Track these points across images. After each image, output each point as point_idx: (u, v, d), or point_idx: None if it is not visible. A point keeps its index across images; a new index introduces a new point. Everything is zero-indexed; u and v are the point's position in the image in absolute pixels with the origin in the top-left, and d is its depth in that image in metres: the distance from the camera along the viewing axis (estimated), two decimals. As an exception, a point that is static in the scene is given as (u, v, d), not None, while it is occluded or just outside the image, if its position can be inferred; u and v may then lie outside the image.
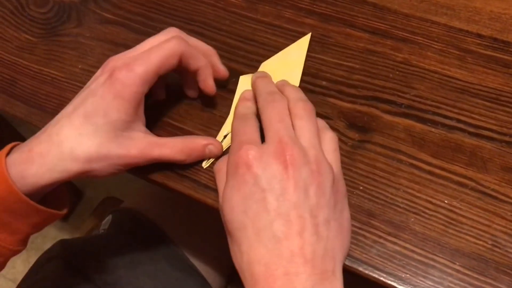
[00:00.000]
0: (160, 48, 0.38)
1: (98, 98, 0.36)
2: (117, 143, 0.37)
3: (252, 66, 0.46)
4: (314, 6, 0.49)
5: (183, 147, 0.39)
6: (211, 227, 0.65)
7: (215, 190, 0.40)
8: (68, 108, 0.38)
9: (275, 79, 0.42)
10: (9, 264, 0.42)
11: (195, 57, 0.39)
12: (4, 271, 1.29)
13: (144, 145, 0.38)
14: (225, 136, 0.42)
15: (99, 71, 0.39)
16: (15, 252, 0.39)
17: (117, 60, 0.38)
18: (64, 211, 0.41)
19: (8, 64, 0.50)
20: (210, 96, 0.43)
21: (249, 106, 0.40)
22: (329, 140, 0.36)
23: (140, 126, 0.39)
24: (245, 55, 0.47)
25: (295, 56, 0.45)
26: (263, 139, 0.35)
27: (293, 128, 0.35)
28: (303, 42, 0.46)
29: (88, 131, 0.36)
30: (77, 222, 1.25)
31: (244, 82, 0.44)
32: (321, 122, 0.38)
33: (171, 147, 0.39)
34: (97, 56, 0.49)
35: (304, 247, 0.31)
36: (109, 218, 0.68)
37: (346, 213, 0.35)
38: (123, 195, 0.78)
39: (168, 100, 0.45)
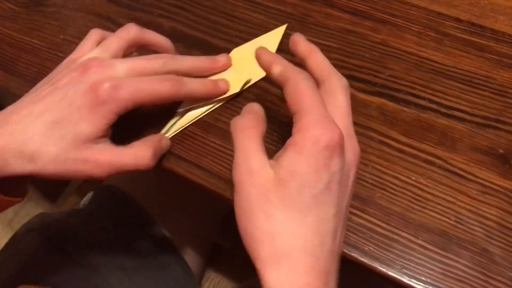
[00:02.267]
0: (153, 83, 0.37)
1: (74, 109, 0.35)
2: (80, 154, 0.36)
3: (233, 42, 0.46)
4: (297, -15, 0.49)
5: (137, 153, 0.37)
6: (191, 206, 0.66)
7: (186, 160, 0.40)
8: (38, 105, 0.36)
9: (244, 66, 0.42)
10: None
11: (183, 95, 0.39)
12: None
13: (108, 155, 0.36)
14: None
15: (75, 72, 0.37)
16: None
17: (101, 70, 0.37)
18: (19, 199, 0.40)
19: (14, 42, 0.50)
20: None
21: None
22: None
23: (107, 140, 0.37)
24: (227, 31, 0.47)
25: (268, 46, 0.45)
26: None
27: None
28: (278, 33, 0.46)
29: (56, 138, 0.35)
30: (64, 205, 1.26)
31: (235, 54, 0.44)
32: None
33: (127, 156, 0.37)
34: (79, 27, 0.49)
35: (338, 247, 0.32)
36: (90, 194, 0.68)
37: None
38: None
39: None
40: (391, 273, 0.35)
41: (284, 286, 0.29)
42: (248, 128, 0.33)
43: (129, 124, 0.39)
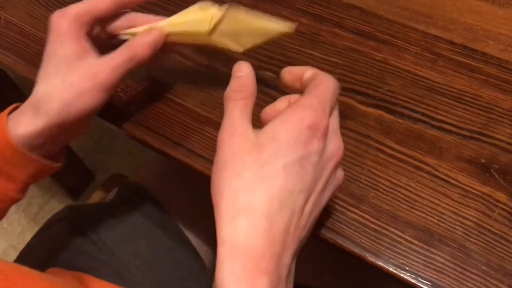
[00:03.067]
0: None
1: (48, 43, 0.43)
2: (77, 70, 0.41)
3: (250, 56, 0.52)
4: (309, 7, 0.55)
5: (130, 44, 0.42)
6: (207, 204, 0.71)
7: (206, 158, 0.46)
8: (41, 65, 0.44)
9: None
10: (20, 236, 0.48)
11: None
12: (14, 242, 1.36)
13: (102, 61, 0.42)
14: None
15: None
16: (15, 200, 0.46)
17: (58, 11, 0.44)
18: (59, 164, 0.46)
19: (36, 39, 0.56)
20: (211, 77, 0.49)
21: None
22: None
23: (93, 54, 0.43)
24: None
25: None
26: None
27: None
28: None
29: (51, 72, 0.42)
30: (86, 202, 1.32)
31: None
32: None
33: (120, 52, 0.42)
34: (115, 38, 0.55)
35: (304, 227, 0.33)
36: (115, 190, 0.74)
37: None
38: (131, 174, 0.84)
39: (171, 80, 0.51)
40: (379, 262, 0.40)
41: (237, 241, 0.30)
42: (239, 100, 0.35)
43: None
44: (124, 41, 0.44)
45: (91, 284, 0.53)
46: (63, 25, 0.42)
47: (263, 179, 0.32)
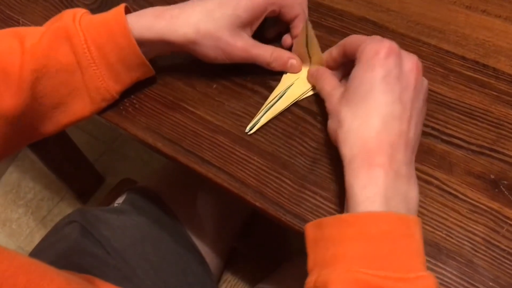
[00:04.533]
0: None
1: None
2: (231, 33, 0.47)
3: (264, 68, 0.52)
4: (322, 20, 0.56)
5: (273, 51, 0.50)
6: (215, 211, 0.72)
7: (216, 166, 0.47)
8: None
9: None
10: (28, 238, 0.49)
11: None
12: (22, 244, 1.37)
13: (249, 43, 0.49)
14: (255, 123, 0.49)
15: None
16: (112, 99, 0.50)
17: None
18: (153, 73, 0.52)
19: (53, 44, 0.57)
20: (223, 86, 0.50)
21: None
22: None
23: (250, 34, 0.49)
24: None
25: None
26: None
27: None
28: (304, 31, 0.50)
29: (216, 16, 0.46)
30: (95, 206, 1.33)
31: (286, 79, 0.51)
32: None
33: (264, 50, 0.50)
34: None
35: (409, 131, 0.39)
36: (124, 195, 0.75)
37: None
38: (140, 180, 0.85)
39: (184, 88, 0.52)
40: (386, 275, 0.40)
41: (355, 146, 0.39)
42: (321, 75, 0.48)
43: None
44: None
45: (101, 287, 0.53)
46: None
47: (357, 113, 0.40)
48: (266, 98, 0.50)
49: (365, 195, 0.36)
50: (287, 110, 0.49)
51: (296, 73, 0.51)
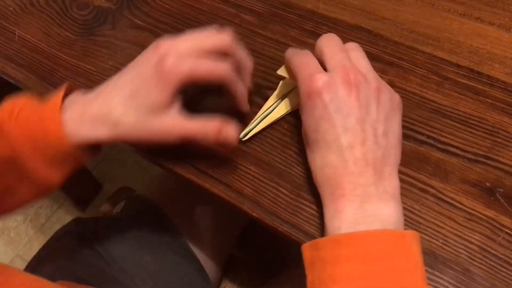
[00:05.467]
0: (212, 65, 0.43)
1: (146, 80, 0.43)
2: (153, 118, 0.43)
3: (259, 76, 0.53)
4: (317, 28, 0.56)
5: (203, 125, 0.44)
6: (213, 219, 0.72)
7: (214, 177, 0.47)
8: (119, 80, 0.45)
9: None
10: (27, 246, 0.49)
11: (235, 84, 0.45)
12: (21, 252, 1.37)
13: (174, 121, 0.43)
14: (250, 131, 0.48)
15: (150, 51, 0.44)
16: (54, 188, 0.48)
17: (169, 48, 0.43)
18: (97, 157, 0.49)
19: (49, 56, 0.58)
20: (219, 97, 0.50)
21: (306, 51, 0.45)
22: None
23: (175, 108, 0.44)
24: (254, 67, 0.54)
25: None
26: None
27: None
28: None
29: (133, 107, 0.43)
30: (94, 213, 1.33)
31: (282, 88, 0.51)
32: None
33: (193, 126, 0.44)
34: (126, 56, 0.56)
35: (366, 153, 0.39)
36: (122, 203, 0.75)
37: (400, 125, 0.42)
38: (138, 187, 0.85)
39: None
40: (383, 284, 0.40)
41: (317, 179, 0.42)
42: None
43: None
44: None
45: (99, 298, 0.54)
46: (172, 78, 0.42)
47: (311, 152, 0.42)
48: (260, 107, 0.50)
49: (333, 226, 0.38)
50: (283, 119, 0.49)
51: (232, 144, 0.45)
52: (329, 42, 0.44)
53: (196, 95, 0.50)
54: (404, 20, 0.55)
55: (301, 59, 0.44)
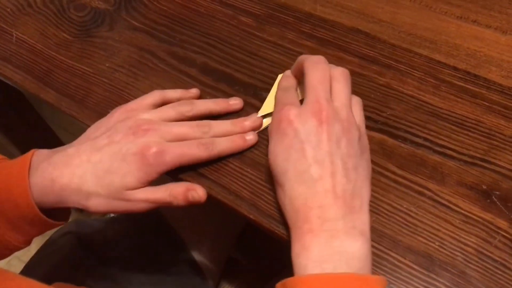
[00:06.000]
0: (191, 149, 0.44)
1: (124, 164, 0.43)
2: (124, 195, 0.43)
3: (255, 78, 0.53)
4: (315, 31, 0.56)
5: (170, 192, 0.44)
6: (211, 221, 0.72)
7: (211, 179, 0.47)
8: (96, 155, 0.44)
9: None
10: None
11: (215, 156, 0.46)
12: (19, 253, 1.36)
13: (143, 194, 0.43)
14: (264, 116, 0.49)
15: (129, 130, 0.44)
16: (20, 248, 0.47)
17: (150, 136, 0.44)
18: (63, 222, 0.48)
19: (46, 57, 0.58)
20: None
21: (291, 81, 0.47)
22: (356, 103, 0.44)
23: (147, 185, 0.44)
24: (250, 68, 0.54)
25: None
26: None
27: (331, 89, 0.42)
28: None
29: (106, 184, 0.43)
30: (92, 215, 1.33)
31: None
32: None
33: (162, 192, 0.44)
34: (123, 58, 0.56)
35: (335, 186, 0.38)
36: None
37: (369, 164, 0.42)
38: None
39: (179, 100, 0.52)
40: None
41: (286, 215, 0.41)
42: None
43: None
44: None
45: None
46: (154, 170, 0.43)
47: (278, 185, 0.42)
48: (256, 108, 0.50)
49: (300, 264, 0.37)
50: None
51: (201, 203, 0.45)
52: (314, 68, 0.43)
53: None
54: (401, 23, 0.55)
55: (281, 93, 0.45)
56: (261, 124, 0.48)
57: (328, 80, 0.42)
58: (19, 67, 0.57)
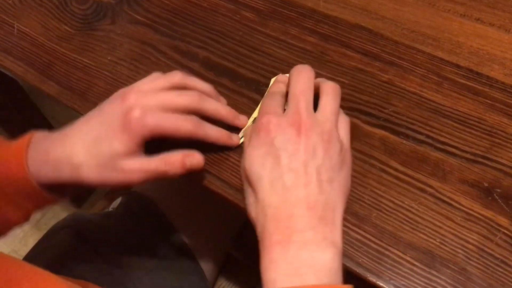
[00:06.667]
0: (177, 120, 0.43)
1: (110, 129, 0.43)
2: (114, 164, 0.42)
3: (258, 73, 0.53)
4: (318, 26, 0.56)
5: (166, 160, 0.43)
6: (210, 217, 0.72)
7: (211, 173, 0.47)
8: (84, 126, 0.44)
9: None
10: (22, 242, 0.49)
11: (205, 134, 0.45)
12: (16, 248, 1.37)
13: (135, 165, 0.42)
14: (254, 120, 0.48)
15: (117, 101, 0.44)
16: (19, 224, 0.47)
17: (136, 98, 0.43)
18: (66, 198, 0.48)
19: (48, 49, 0.57)
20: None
21: (280, 87, 0.46)
22: (343, 120, 0.44)
23: (138, 155, 0.43)
24: (252, 63, 0.54)
25: None
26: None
27: (319, 102, 0.42)
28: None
29: (96, 153, 0.42)
30: (90, 210, 1.33)
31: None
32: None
33: (156, 161, 0.43)
34: (125, 51, 0.56)
35: (308, 196, 0.38)
36: (118, 200, 0.74)
37: (348, 180, 0.42)
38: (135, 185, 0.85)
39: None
40: (380, 283, 0.40)
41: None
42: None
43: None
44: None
45: (95, 294, 0.53)
46: (137, 131, 0.42)
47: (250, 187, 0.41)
48: (258, 103, 0.50)
49: (269, 277, 0.37)
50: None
51: (199, 170, 0.45)
52: (298, 76, 0.43)
53: None
54: (404, 20, 0.55)
55: (267, 100, 0.44)
56: (238, 141, 0.47)
57: (311, 90, 0.42)
58: (20, 59, 0.57)
